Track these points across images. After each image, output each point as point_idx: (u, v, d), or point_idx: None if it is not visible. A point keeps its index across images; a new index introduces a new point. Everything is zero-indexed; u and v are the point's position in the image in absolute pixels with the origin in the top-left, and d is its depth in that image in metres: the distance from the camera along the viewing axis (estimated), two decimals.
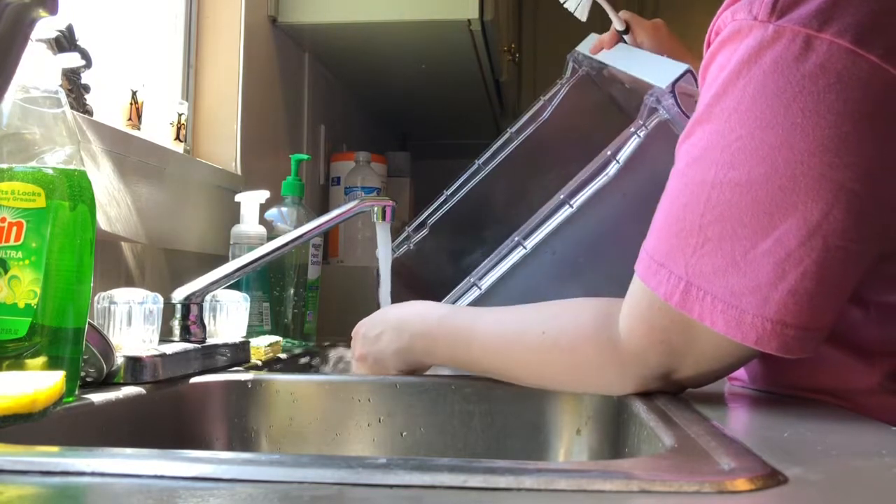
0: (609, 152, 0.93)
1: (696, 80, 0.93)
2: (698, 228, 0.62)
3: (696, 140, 0.64)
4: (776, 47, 0.60)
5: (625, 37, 1.17)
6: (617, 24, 1.16)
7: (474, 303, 0.96)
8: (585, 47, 1.22)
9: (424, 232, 1.27)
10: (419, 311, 0.87)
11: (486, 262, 0.96)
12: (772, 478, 0.41)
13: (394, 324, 0.87)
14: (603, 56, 1.16)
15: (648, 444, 0.60)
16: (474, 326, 0.80)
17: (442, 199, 1.28)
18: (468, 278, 0.97)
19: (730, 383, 0.83)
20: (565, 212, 0.94)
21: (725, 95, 0.62)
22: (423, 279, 1.24)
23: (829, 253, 0.59)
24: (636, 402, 0.67)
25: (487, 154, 1.26)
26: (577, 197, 0.94)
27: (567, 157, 1.10)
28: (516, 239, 0.95)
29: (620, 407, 0.73)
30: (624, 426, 0.72)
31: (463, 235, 1.27)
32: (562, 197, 0.94)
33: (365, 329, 0.90)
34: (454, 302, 0.97)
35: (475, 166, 1.27)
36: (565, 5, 1.16)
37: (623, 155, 0.93)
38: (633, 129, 0.94)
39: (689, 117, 0.91)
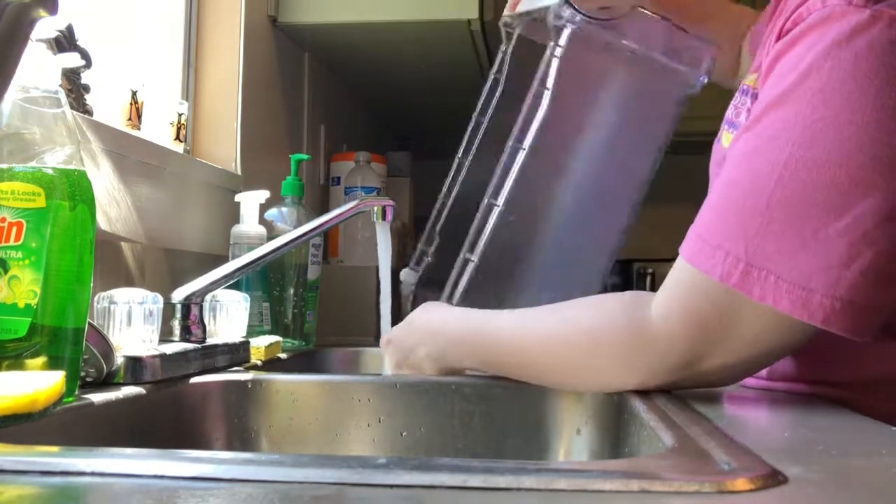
0: (536, 84, 0.93)
1: None
2: (764, 208, 0.61)
3: (768, 124, 0.63)
4: (872, 31, 0.60)
5: None
6: None
7: (474, 277, 0.95)
8: (523, 6, 1.22)
9: (437, 241, 1.27)
10: (447, 318, 0.87)
11: (470, 234, 0.95)
12: (772, 478, 0.41)
13: (426, 332, 0.87)
14: (521, 6, 1.16)
15: (648, 444, 0.60)
16: (502, 330, 0.80)
17: (439, 204, 1.28)
18: (460, 255, 0.96)
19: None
20: (521, 155, 0.93)
21: (809, 77, 0.62)
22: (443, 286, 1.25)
23: None
24: (636, 402, 0.67)
25: (463, 146, 1.26)
26: (526, 138, 0.93)
27: None
28: (487, 200, 0.95)
29: (620, 407, 0.73)
30: (624, 426, 0.71)
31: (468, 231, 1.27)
32: (511, 143, 0.94)
33: (397, 339, 0.90)
34: (455, 283, 0.96)
35: (457, 162, 1.26)
36: None
37: (550, 80, 0.92)
38: (549, 53, 0.93)
39: (591, 18, 0.90)
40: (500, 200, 0.93)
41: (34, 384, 0.52)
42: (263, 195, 1.24)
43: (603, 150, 0.67)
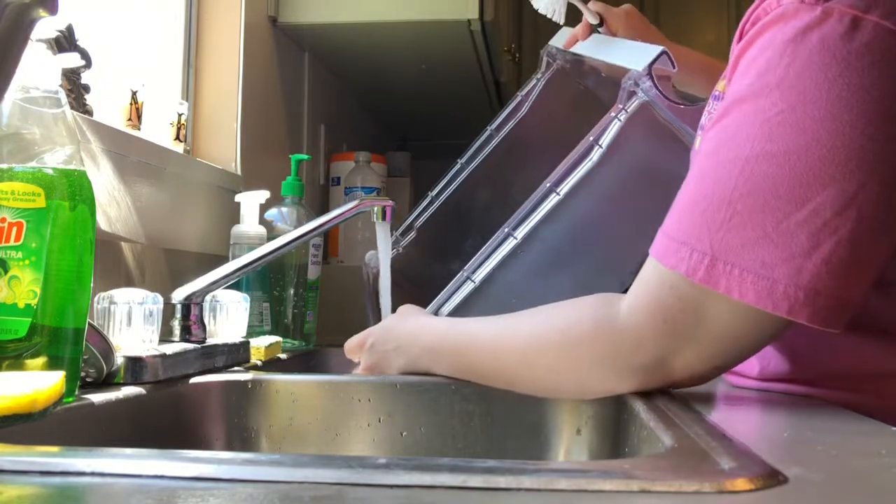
0: (591, 138, 0.94)
1: (671, 61, 0.94)
2: (727, 203, 0.62)
3: (732, 119, 0.65)
4: (824, 27, 0.62)
5: (599, 28, 1.17)
6: (590, 18, 1.16)
7: (468, 297, 0.96)
8: (559, 41, 1.22)
9: (412, 235, 1.27)
10: (423, 325, 0.88)
11: (477, 255, 0.96)
12: (772, 478, 0.41)
13: (403, 339, 0.88)
14: (578, 48, 1.16)
15: (648, 444, 0.60)
16: (474, 337, 0.81)
17: (427, 200, 1.28)
18: (461, 272, 0.97)
19: (733, 380, 0.82)
20: (552, 200, 0.94)
21: (767, 73, 0.63)
22: (413, 281, 1.24)
23: (862, 223, 0.60)
24: (636, 402, 0.67)
25: (469, 153, 1.26)
26: (563, 184, 0.94)
27: (546, 151, 1.10)
28: (506, 230, 0.95)
29: (620, 407, 0.73)
30: (624, 426, 0.72)
31: (450, 235, 1.27)
32: (548, 185, 0.94)
33: (374, 341, 0.90)
34: (448, 297, 0.97)
35: (458, 165, 1.27)
36: (538, 10, 1.17)
37: (606, 139, 0.93)
38: (613, 114, 0.94)
39: (667, 98, 0.92)
40: (519, 235, 0.94)
41: (34, 384, 0.52)
42: (263, 195, 1.24)
43: (627, 215, 0.68)
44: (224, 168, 1.38)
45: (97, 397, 0.67)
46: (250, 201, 1.23)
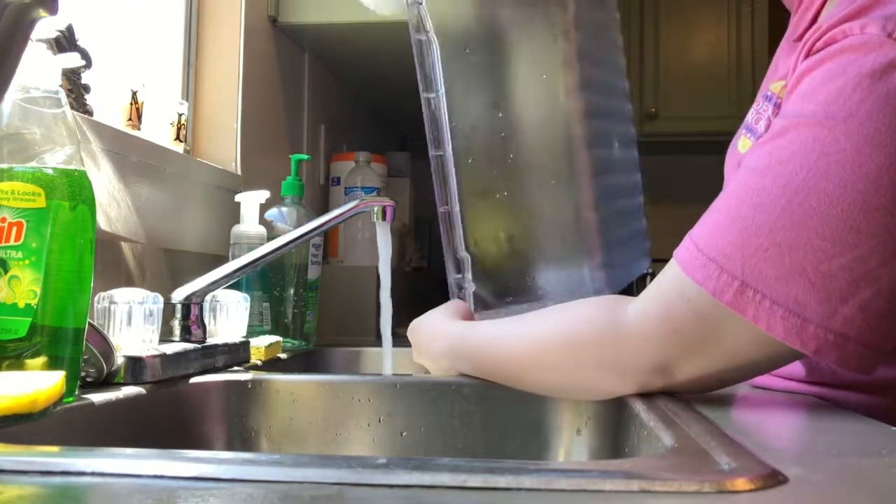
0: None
1: None
2: (767, 231, 0.60)
3: (788, 142, 0.62)
4: None
5: None
6: None
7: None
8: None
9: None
10: (440, 332, 0.89)
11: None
12: (772, 478, 0.41)
13: (425, 339, 0.90)
14: None
15: (648, 444, 0.60)
16: (485, 342, 0.82)
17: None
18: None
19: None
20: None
21: (836, 104, 0.60)
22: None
23: None
24: (636, 402, 0.67)
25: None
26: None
27: None
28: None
29: (620, 407, 0.73)
30: (624, 426, 0.72)
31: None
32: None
33: (412, 339, 0.93)
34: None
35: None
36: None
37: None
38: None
39: None
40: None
41: (34, 384, 0.52)
42: (263, 195, 1.24)
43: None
44: (224, 168, 1.38)
45: (97, 397, 0.67)
46: (250, 201, 1.22)
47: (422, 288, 2.00)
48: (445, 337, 0.88)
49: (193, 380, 0.83)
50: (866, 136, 0.58)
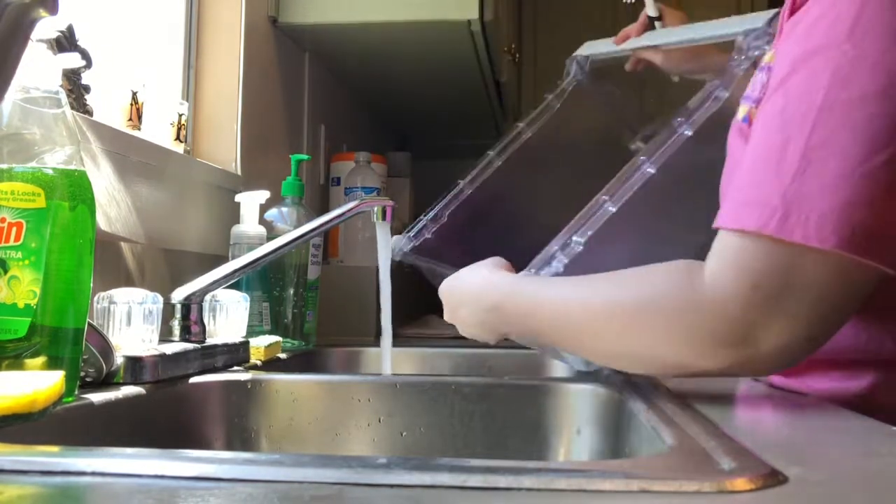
0: (717, 81, 0.89)
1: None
2: (800, 157, 0.60)
3: (799, 77, 0.63)
4: None
5: (656, 23, 1.19)
6: (651, 10, 1.19)
7: (572, 261, 0.92)
8: (586, 50, 1.23)
9: (443, 221, 1.26)
10: (492, 283, 0.83)
11: (573, 222, 0.91)
12: (772, 478, 0.41)
13: (469, 297, 0.84)
14: (649, 38, 1.16)
15: (648, 444, 0.60)
16: (542, 298, 0.76)
17: (457, 189, 1.27)
18: (564, 237, 0.92)
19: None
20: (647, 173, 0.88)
21: (834, 28, 0.61)
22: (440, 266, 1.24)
23: None
24: (636, 402, 0.67)
25: (500, 146, 1.26)
26: (690, 122, 0.88)
27: (574, 153, 1.09)
28: (603, 198, 0.91)
29: (620, 407, 0.73)
30: (624, 426, 0.72)
31: (480, 225, 1.27)
32: (677, 121, 0.90)
33: (445, 297, 0.87)
34: (548, 259, 0.93)
35: (488, 158, 1.26)
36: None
37: (698, 119, 0.88)
38: (706, 97, 0.91)
39: None
40: (616, 205, 0.89)
41: (34, 384, 0.52)
42: (263, 195, 1.24)
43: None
44: (224, 168, 1.38)
45: (97, 397, 0.67)
46: (250, 201, 1.23)
47: (421, 288, 2.00)
48: (494, 290, 0.81)
49: (193, 380, 0.83)
50: (872, 41, 0.60)
